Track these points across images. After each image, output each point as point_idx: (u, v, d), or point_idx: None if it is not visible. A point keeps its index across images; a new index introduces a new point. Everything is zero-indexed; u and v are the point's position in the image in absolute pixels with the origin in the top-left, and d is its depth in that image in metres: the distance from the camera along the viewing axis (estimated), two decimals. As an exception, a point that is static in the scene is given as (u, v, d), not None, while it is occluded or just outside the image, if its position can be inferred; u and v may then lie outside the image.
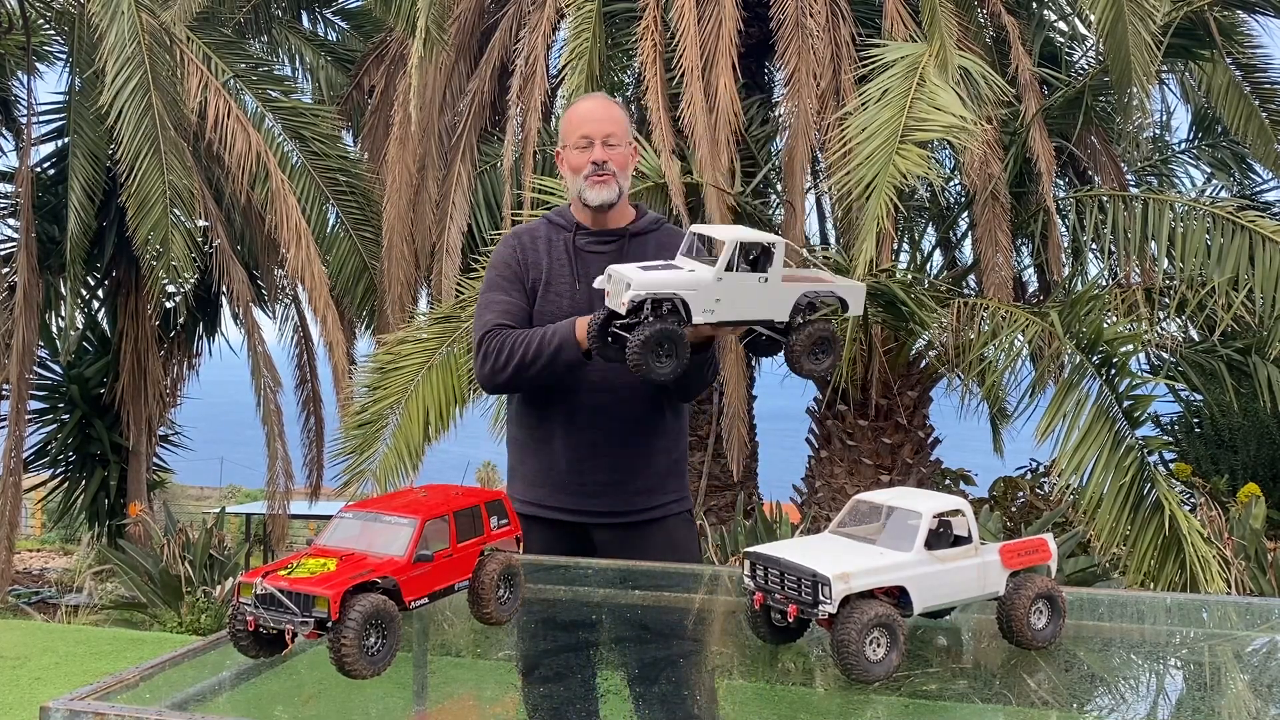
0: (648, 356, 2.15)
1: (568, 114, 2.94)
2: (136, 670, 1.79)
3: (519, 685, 2.10)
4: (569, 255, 2.81)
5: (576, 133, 2.80)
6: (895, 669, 1.75)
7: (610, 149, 2.78)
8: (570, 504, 2.78)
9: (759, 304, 2.22)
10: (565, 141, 2.84)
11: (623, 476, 2.77)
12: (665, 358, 2.17)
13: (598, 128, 2.79)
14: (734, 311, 2.21)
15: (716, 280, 2.17)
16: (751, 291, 2.20)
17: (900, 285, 5.81)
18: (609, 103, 2.95)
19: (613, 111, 2.88)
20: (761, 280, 2.21)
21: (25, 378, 8.59)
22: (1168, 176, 8.72)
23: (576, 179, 2.79)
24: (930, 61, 5.42)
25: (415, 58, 6.70)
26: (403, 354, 6.33)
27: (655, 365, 2.16)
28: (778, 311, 2.24)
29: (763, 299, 2.22)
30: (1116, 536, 5.05)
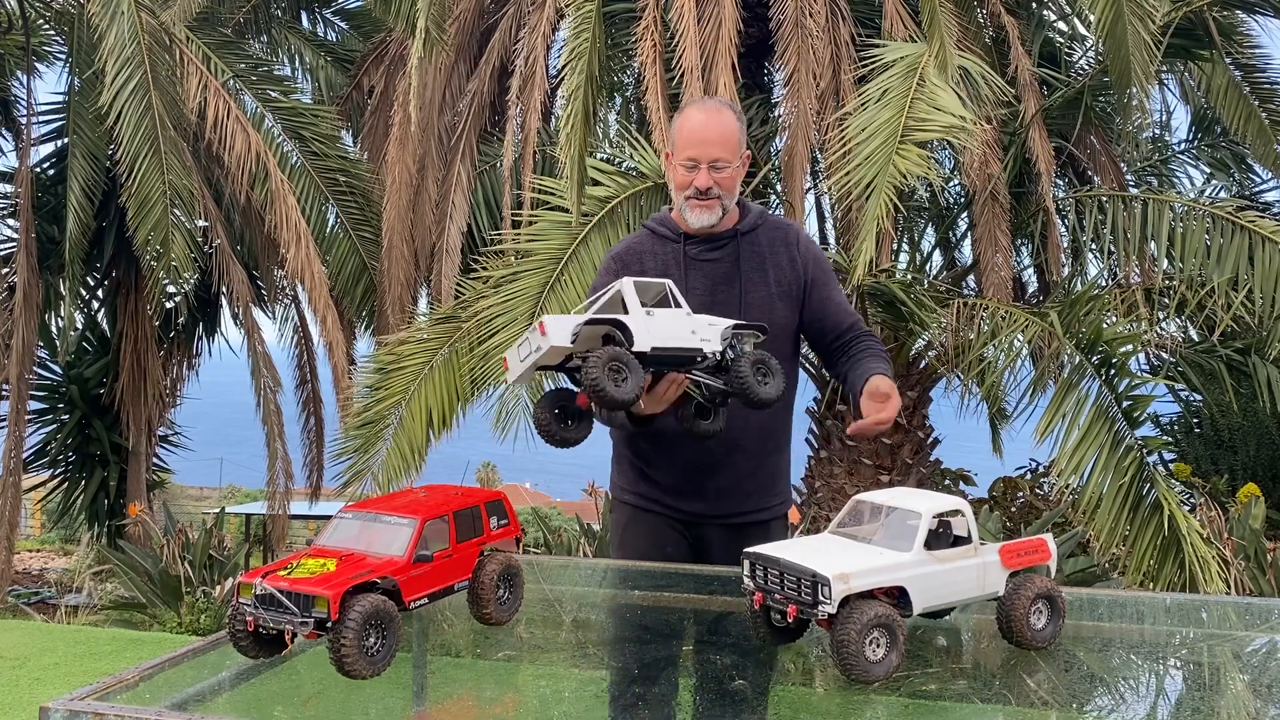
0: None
1: (680, 121, 2.74)
2: (136, 670, 1.79)
3: (519, 686, 2.10)
4: (680, 267, 2.73)
5: (684, 151, 2.68)
6: (895, 669, 1.75)
7: (717, 172, 2.66)
8: (686, 506, 2.81)
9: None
10: (674, 150, 2.72)
11: (739, 482, 2.79)
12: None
13: (705, 151, 2.65)
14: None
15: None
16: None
17: (900, 285, 5.81)
18: (722, 115, 2.70)
19: (725, 129, 2.68)
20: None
21: (25, 378, 8.59)
22: (1167, 176, 8.72)
23: (679, 194, 2.71)
24: (930, 62, 5.41)
25: (415, 58, 6.70)
26: (404, 354, 6.33)
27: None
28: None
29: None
30: (1116, 537, 5.05)
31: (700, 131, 2.66)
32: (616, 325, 2.18)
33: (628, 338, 2.17)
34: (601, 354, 2.13)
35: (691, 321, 2.27)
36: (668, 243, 2.76)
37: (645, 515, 2.80)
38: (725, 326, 2.29)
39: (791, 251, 2.79)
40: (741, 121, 2.72)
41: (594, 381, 2.10)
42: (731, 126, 2.68)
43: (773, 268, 2.75)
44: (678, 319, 2.26)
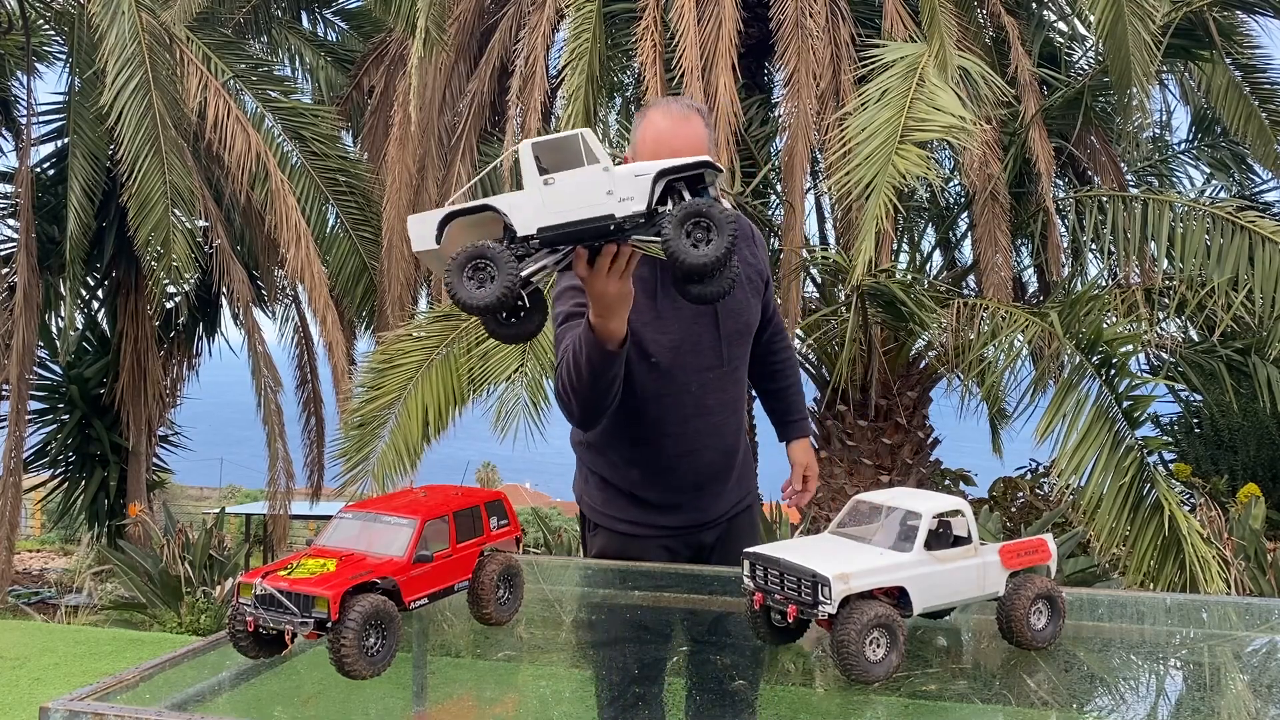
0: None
1: (643, 127, 2.51)
2: (136, 671, 1.79)
3: (519, 686, 2.10)
4: (656, 282, 2.56)
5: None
6: (895, 669, 1.75)
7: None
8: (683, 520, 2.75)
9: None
10: (634, 156, 2.51)
11: (724, 486, 2.76)
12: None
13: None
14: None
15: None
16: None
17: (900, 286, 5.81)
18: (690, 122, 2.49)
19: (693, 137, 2.46)
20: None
21: (25, 378, 8.59)
22: (1167, 177, 8.72)
23: None
24: (930, 62, 5.42)
25: (415, 58, 6.71)
26: (400, 353, 6.33)
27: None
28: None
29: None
30: (1116, 537, 5.05)
31: (670, 143, 2.43)
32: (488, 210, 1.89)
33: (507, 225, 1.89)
34: (458, 256, 1.86)
35: (608, 179, 1.88)
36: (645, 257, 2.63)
37: (635, 541, 2.72)
38: (652, 174, 1.89)
39: (751, 246, 2.73)
40: (709, 125, 2.53)
41: (449, 289, 1.86)
42: (700, 134, 2.48)
43: (741, 264, 2.65)
44: (586, 180, 1.88)
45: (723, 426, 2.66)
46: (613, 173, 1.88)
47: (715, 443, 2.65)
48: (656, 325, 2.52)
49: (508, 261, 1.86)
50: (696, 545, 2.77)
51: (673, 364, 2.55)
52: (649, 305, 2.53)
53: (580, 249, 2.01)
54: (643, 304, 2.50)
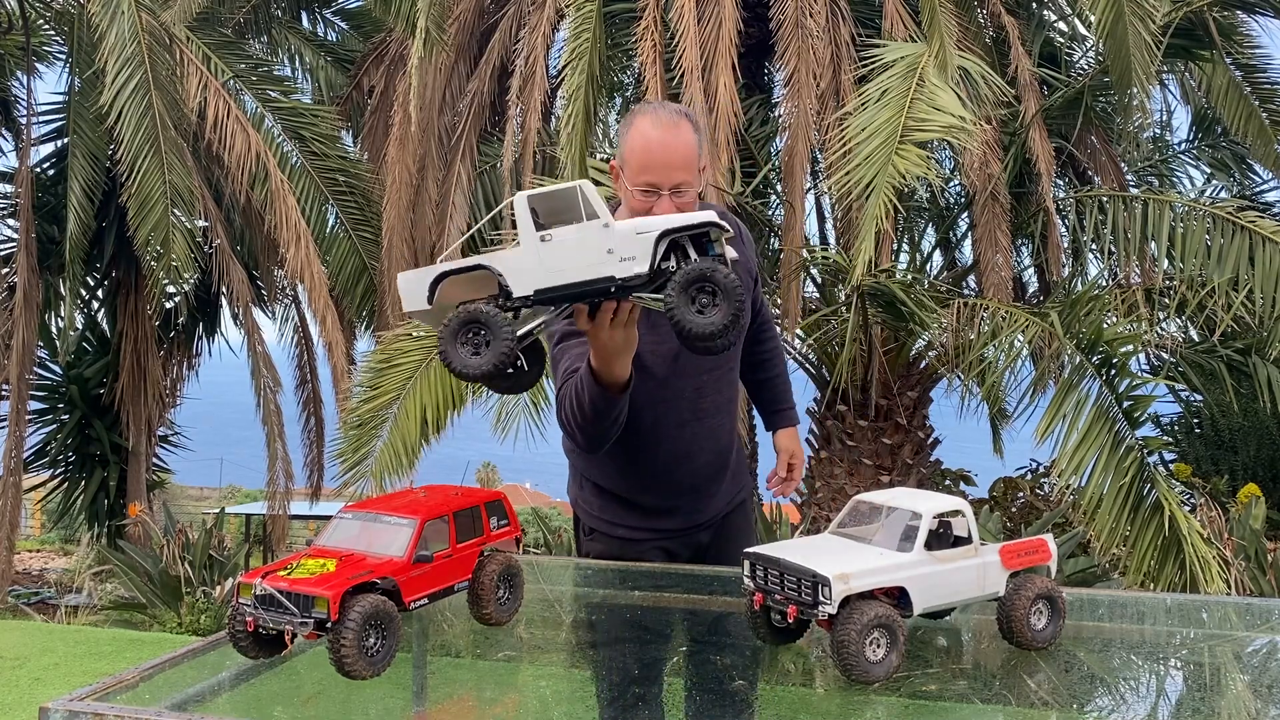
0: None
1: (633, 137, 2.40)
2: (136, 671, 1.79)
3: (519, 686, 2.10)
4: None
5: (641, 175, 2.37)
6: (895, 669, 1.75)
7: (679, 196, 2.37)
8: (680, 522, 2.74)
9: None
10: (627, 170, 2.41)
11: (720, 486, 2.75)
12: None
13: (666, 176, 2.35)
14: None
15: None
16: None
17: (900, 286, 5.81)
18: (681, 132, 2.38)
19: (687, 148, 2.37)
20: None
21: (25, 378, 8.60)
22: (1168, 177, 8.72)
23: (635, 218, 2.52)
24: (930, 62, 5.42)
25: (415, 58, 6.71)
26: (399, 353, 6.33)
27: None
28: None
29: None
30: (1116, 537, 5.05)
31: (661, 154, 2.35)
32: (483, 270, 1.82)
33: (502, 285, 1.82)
34: (450, 321, 1.81)
35: (608, 237, 1.80)
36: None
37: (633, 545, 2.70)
38: (656, 233, 1.80)
39: (739, 245, 2.66)
40: (699, 130, 2.44)
41: (442, 356, 1.81)
42: (692, 143, 2.39)
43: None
44: (585, 238, 1.80)
45: (718, 429, 2.65)
46: (613, 229, 1.79)
47: (710, 445, 2.65)
48: (652, 336, 2.46)
49: (502, 326, 1.80)
50: (695, 545, 2.77)
51: (669, 373, 2.53)
52: (644, 316, 2.47)
53: (580, 304, 1.95)
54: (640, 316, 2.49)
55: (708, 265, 1.78)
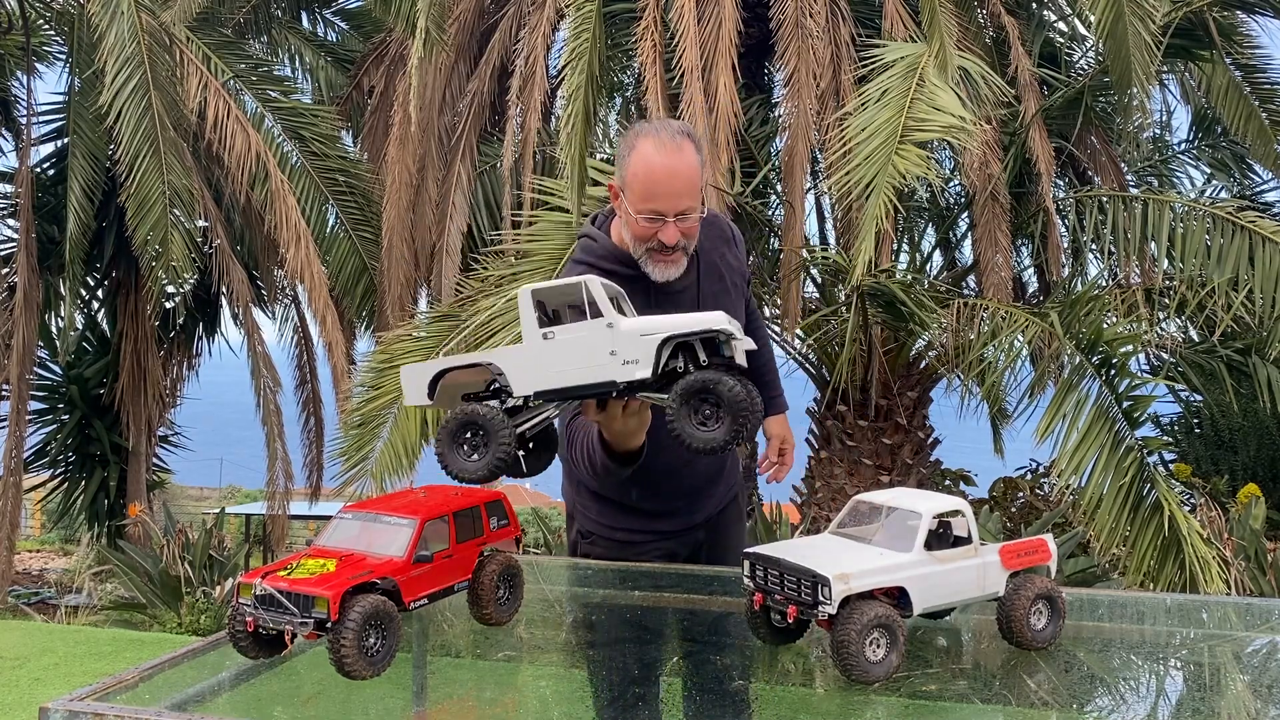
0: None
1: (636, 163, 2.35)
2: (136, 671, 1.79)
3: (519, 686, 2.10)
4: (649, 302, 2.42)
5: (646, 203, 2.34)
6: (895, 669, 1.75)
7: (684, 221, 2.35)
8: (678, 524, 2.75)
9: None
10: (630, 195, 2.37)
11: (716, 487, 2.77)
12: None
13: (671, 204, 2.32)
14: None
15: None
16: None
17: (900, 285, 5.81)
18: (684, 155, 2.33)
19: (690, 172, 2.34)
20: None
21: (25, 378, 8.59)
22: (1168, 177, 8.72)
23: (638, 244, 2.41)
24: (930, 62, 5.41)
25: (415, 58, 6.70)
26: (399, 353, 6.33)
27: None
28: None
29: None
30: (1116, 537, 5.05)
31: (666, 182, 2.31)
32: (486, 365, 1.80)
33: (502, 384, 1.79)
34: (449, 421, 1.79)
35: (611, 338, 1.75)
36: (632, 283, 2.41)
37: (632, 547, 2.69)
38: (659, 338, 1.74)
39: (732, 248, 2.69)
40: (700, 148, 2.40)
41: (439, 458, 1.79)
42: (695, 165, 2.35)
43: (725, 270, 2.62)
44: (589, 337, 1.76)
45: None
46: (617, 329, 1.74)
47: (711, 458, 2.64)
48: None
49: (500, 429, 1.76)
50: (693, 543, 2.78)
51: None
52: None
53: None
54: None
55: (712, 377, 1.72)
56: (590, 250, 2.51)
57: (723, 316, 1.77)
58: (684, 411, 1.73)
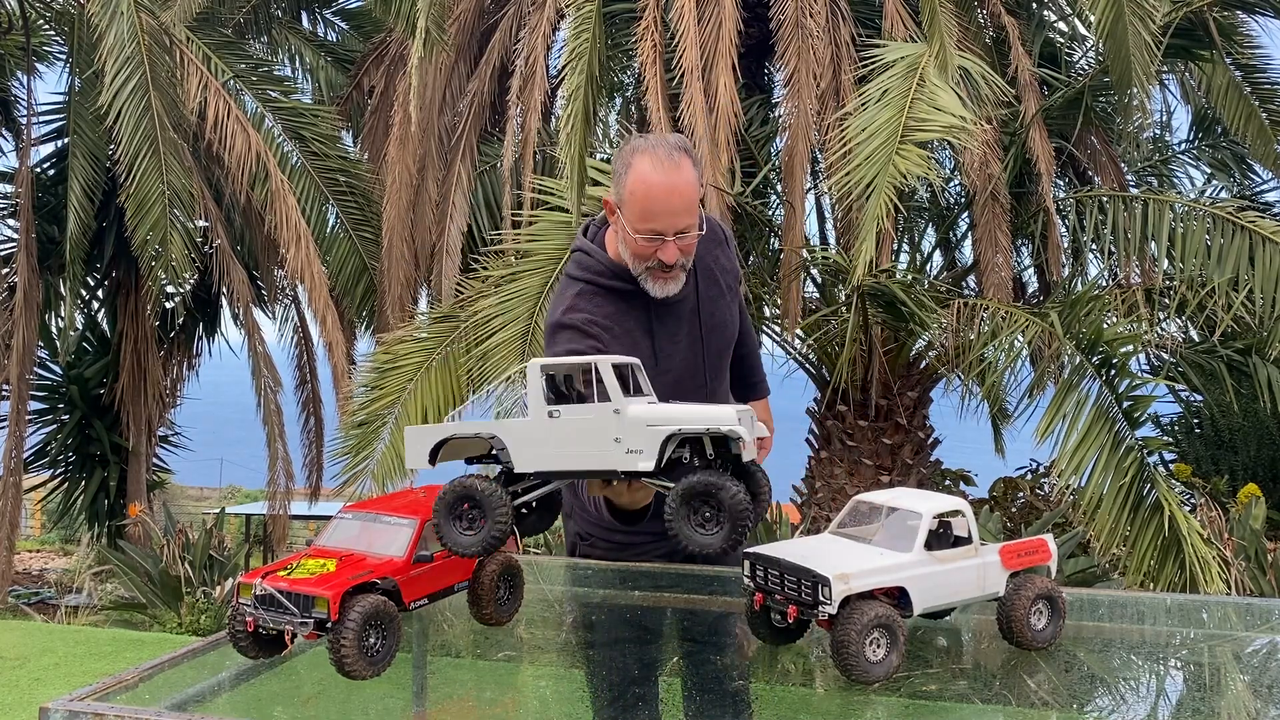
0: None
1: (632, 182, 2.31)
2: (136, 671, 1.79)
3: (518, 686, 2.10)
4: (649, 319, 2.43)
5: (645, 222, 2.31)
6: (895, 670, 1.75)
7: (683, 238, 2.33)
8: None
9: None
10: (627, 213, 2.34)
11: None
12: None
13: (671, 222, 2.30)
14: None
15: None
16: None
17: (900, 285, 5.81)
18: (682, 172, 2.30)
19: (688, 190, 2.31)
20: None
21: (25, 378, 8.60)
22: (1168, 177, 8.72)
23: (637, 262, 2.38)
24: (930, 62, 5.41)
25: (415, 58, 6.70)
26: (400, 354, 6.33)
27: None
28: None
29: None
30: (1116, 537, 5.05)
31: (664, 201, 2.29)
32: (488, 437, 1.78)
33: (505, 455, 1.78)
34: (446, 492, 1.78)
35: (616, 425, 1.71)
36: (631, 298, 2.39)
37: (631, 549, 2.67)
38: (665, 431, 1.70)
39: (725, 249, 2.65)
40: (697, 164, 2.37)
41: (435, 529, 1.78)
42: (693, 182, 2.32)
43: (719, 274, 2.59)
44: (594, 422, 1.73)
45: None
46: (623, 417, 1.70)
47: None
48: (655, 367, 2.40)
49: (497, 507, 1.75)
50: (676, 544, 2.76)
51: (671, 396, 2.50)
52: (648, 348, 2.41)
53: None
54: (643, 347, 2.40)
55: (715, 481, 1.67)
56: (586, 266, 2.47)
57: (732, 414, 1.71)
58: (683, 512, 1.68)
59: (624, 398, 1.73)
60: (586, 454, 1.74)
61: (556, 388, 1.80)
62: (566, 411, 1.75)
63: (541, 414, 1.75)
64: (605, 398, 1.73)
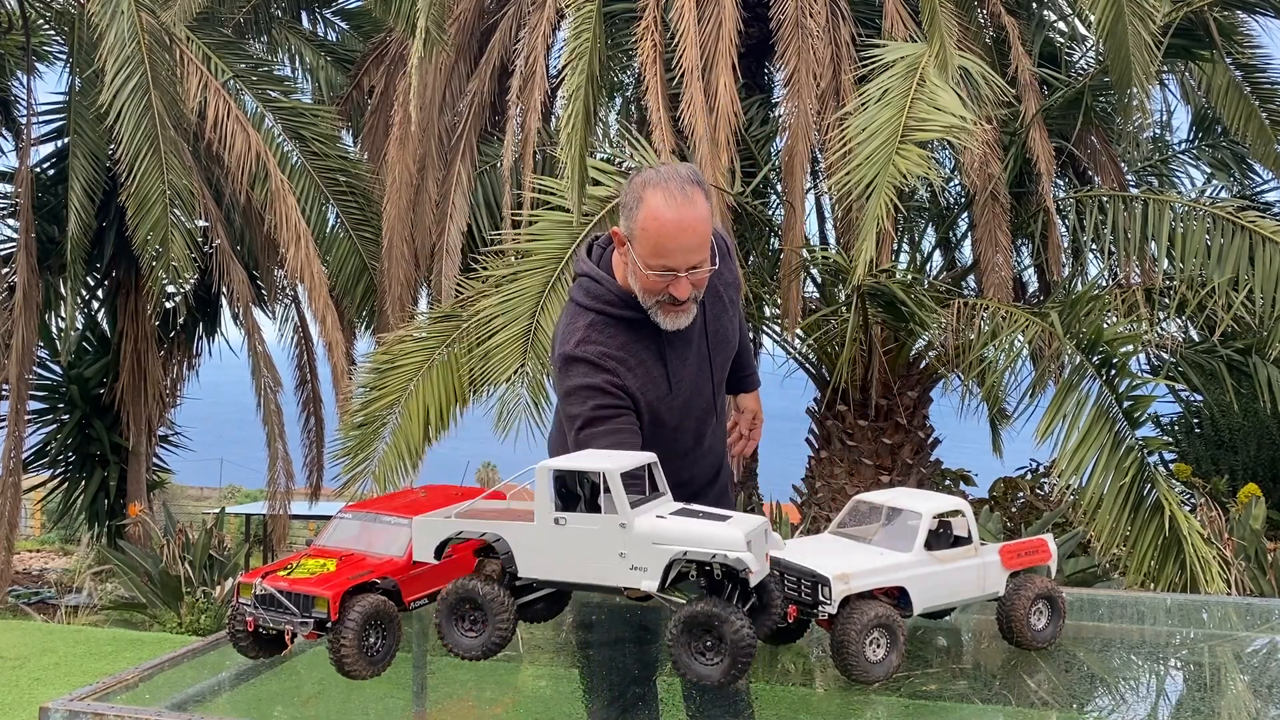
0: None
1: (644, 218, 2.24)
2: (136, 671, 1.79)
3: (518, 686, 2.10)
4: (661, 345, 2.38)
5: (659, 259, 2.24)
6: (895, 669, 1.75)
7: (695, 274, 2.27)
8: None
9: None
10: (638, 248, 2.27)
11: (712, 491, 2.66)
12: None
13: (684, 259, 2.24)
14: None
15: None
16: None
17: (900, 285, 5.81)
18: (695, 206, 2.25)
19: (701, 225, 2.25)
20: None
21: (25, 378, 8.59)
22: (1168, 176, 8.71)
23: (647, 296, 2.32)
24: (930, 62, 5.41)
25: (415, 58, 6.70)
26: (401, 354, 6.33)
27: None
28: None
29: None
30: (1116, 537, 5.05)
31: (677, 238, 2.22)
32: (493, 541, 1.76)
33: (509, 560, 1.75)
34: (449, 593, 1.75)
35: (623, 540, 1.66)
36: (642, 327, 2.34)
37: None
38: (671, 553, 1.64)
39: (727, 261, 2.59)
40: (708, 193, 2.33)
41: (437, 628, 1.75)
42: (706, 217, 2.27)
43: (723, 288, 2.55)
44: (600, 535, 1.68)
45: (713, 452, 2.62)
46: (630, 532, 1.65)
47: (709, 463, 2.62)
48: (669, 393, 2.40)
49: (499, 613, 1.74)
50: None
51: (681, 421, 2.47)
52: (662, 376, 2.38)
53: None
54: (657, 376, 2.37)
55: (719, 614, 1.62)
56: (596, 295, 2.40)
57: (741, 540, 1.65)
58: (684, 639, 1.65)
59: (631, 510, 1.68)
60: (590, 567, 1.69)
61: (566, 489, 1.76)
62: (573, 520, 1.70)
63: (548, 520, 1.71)
64: (612, 509, 1.68)
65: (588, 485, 1.74)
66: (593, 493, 1.72)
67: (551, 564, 1.72)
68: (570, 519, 1.70)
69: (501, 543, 1.74)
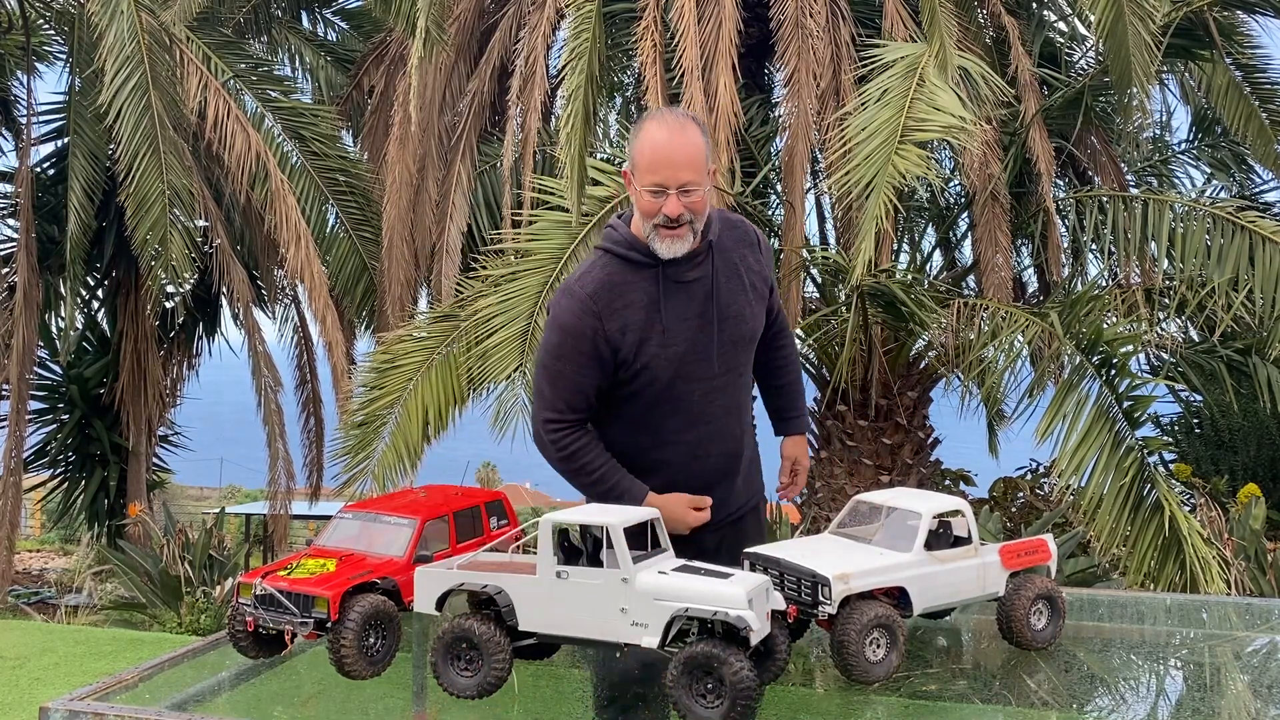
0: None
1: (640, 139, 2.45)
2: (135, 671, 1.79)
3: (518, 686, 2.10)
4: (661, 294, 2.48)
5: (648, 175, 2.41)
6: (895, 669, 1.75)
7: (687, 196, 2.39)
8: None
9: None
10: (636, 172, 2.45)
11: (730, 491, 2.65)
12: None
13: (673, 175, 2.38)
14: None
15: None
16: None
17: (900, 285, 5.81)
18: (687, 133, 2.43)
19: (692, 148, 2.41)
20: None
21: (25, 378, 8.59)
22: (1168, 177, 8.71)
23: (646, 220, 2.45)
24: (930, 62, 5.41)
25: (415, 58, 6.70)
26: (401, 353, 6.33)
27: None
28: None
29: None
30: (1116, 537, 5.05)
31: (666, 153, 2.39)
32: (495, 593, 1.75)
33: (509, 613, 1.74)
34: (445, 632, 1.76)
35: (624, 594, 1.67)
36: (643, 269, 2.47)
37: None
38: (672, 610, 1.65)
39: (755, 251, 2.67)
40: (706, 135, 2.47)
41: (432, 666, 1.76)
42: (699, 144, 2.43)
43: (745, 271, 2.61)
44: (602, 588, 1.68)
45: (725, 431, 2.59)
46: (632, 587, 1.65)
47: (718, 448, 2.59)
48: (660, 339, 2.46)
49: (495, 654, 1.74)
50: (699, 548, 2.73)
51: (676, 375, 2.49)
52: (655, 319, 2.46)
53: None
54: (646, 319, 2.45)
55: (719, 655, 1.62)
56: (609, 237, 2.58)
57: (743, 598, 1.64)
58: (684, 681, 1.64)
59: (634, 565, 1.68)
60: (591, 621, 1.70)
61: (569, 542, 1.77)
62: (575, 574, 1.71)
63: (549, 573, 1.72)
64: (614, 564, 1.68)
65: (590, 539, 1.75)
66: (595, 547, 1.72)
67: (552, 617, 1.72)
68: (572, 572, 1.71)
69: (503, 595, 1.74)
